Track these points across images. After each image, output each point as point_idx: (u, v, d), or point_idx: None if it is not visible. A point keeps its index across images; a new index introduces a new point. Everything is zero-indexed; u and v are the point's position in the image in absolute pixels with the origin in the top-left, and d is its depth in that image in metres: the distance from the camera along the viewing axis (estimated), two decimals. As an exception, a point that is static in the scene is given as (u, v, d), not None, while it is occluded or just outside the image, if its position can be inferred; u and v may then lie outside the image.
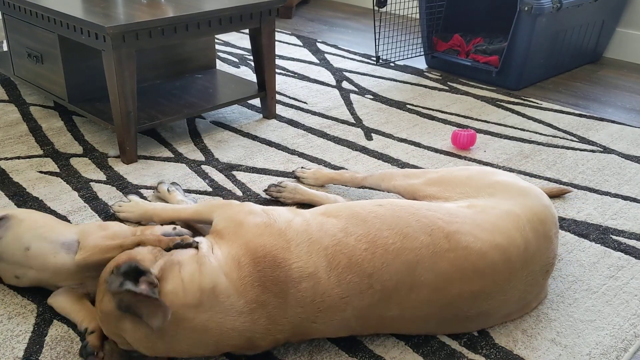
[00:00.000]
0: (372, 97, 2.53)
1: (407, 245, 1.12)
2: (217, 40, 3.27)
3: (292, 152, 2.01)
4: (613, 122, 2.32)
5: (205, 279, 1.05)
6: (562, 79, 2.82)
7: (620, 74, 2.91)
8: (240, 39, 3.32)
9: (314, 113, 2.34)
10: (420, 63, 2.99)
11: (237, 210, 1.20)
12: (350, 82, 2.70)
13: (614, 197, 1.77)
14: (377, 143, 2.09)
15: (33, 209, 1.61)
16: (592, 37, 2.91)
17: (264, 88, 2.21)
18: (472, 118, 2.33)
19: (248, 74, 2.74)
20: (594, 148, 2.09)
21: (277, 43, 3.23)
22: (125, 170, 1.85)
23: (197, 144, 2.04)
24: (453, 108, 2.42)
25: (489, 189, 1.31)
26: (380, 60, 2.95)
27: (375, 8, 3.23)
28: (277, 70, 2.81)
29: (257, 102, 2.40)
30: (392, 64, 2.96)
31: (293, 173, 1.84)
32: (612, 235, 1.58)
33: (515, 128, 2.25)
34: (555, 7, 2.45)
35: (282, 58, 3.01)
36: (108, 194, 1.71)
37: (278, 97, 2.48)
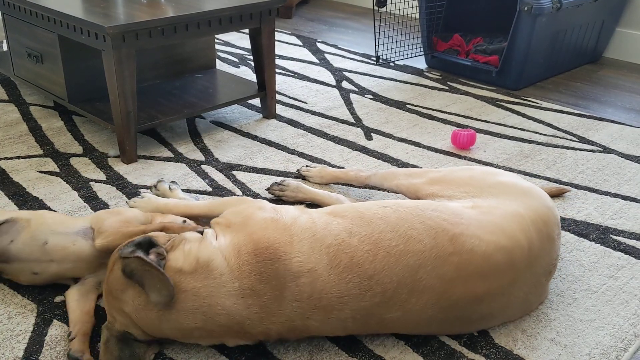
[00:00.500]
0: (372, 97, 2.53)
1: (410, 248, 1.12)
2: (217, 40, 3.27)
3: (292, 152, 2.01)
4: (613, 122, 2.32)
5: (203, 253, 1.11)
6: (562, 79, 2.82)
7: (620, 74, 2.91)
8: (240, 39, 3.32)
9: (314, 113, 2.34)
10: (420, 63, 2.99)
11: (248, 205, 1.23)
12: (350, 82, 2.70)
13: (614, 197, 1.77)
14: (377, 143, 2.09)
15: (33, 209, 1.61)
16: (592, 37, 2.91)
17: (264, 88, 2.21)
18: (472, 118, 2.33)
19: (248, 74, 2.74)
20: (594, 148, 2.09)
21: (277, 43, 3.23)
22: (125, 170, 1.85)
23: (197, 144, 2.04)
24: (453, 108, 2.42)
25: (492, 190, 1.31)
26: (380, 60, 2.95)
27: (375, 8, 3.23)
28: (277, 70, 2.81)
29: (257, 102, 2.40)
30: (392, 64, 2.96)
31: (298, 171, 1.84)
32: (612, 235, 1.58)
33: (515, 128, 2.25)
34: (555, 7, 2.45)
35: (282, 58, 3.01)
36: (108, 194, 1.71)
37: (278, 97, 2.48)
